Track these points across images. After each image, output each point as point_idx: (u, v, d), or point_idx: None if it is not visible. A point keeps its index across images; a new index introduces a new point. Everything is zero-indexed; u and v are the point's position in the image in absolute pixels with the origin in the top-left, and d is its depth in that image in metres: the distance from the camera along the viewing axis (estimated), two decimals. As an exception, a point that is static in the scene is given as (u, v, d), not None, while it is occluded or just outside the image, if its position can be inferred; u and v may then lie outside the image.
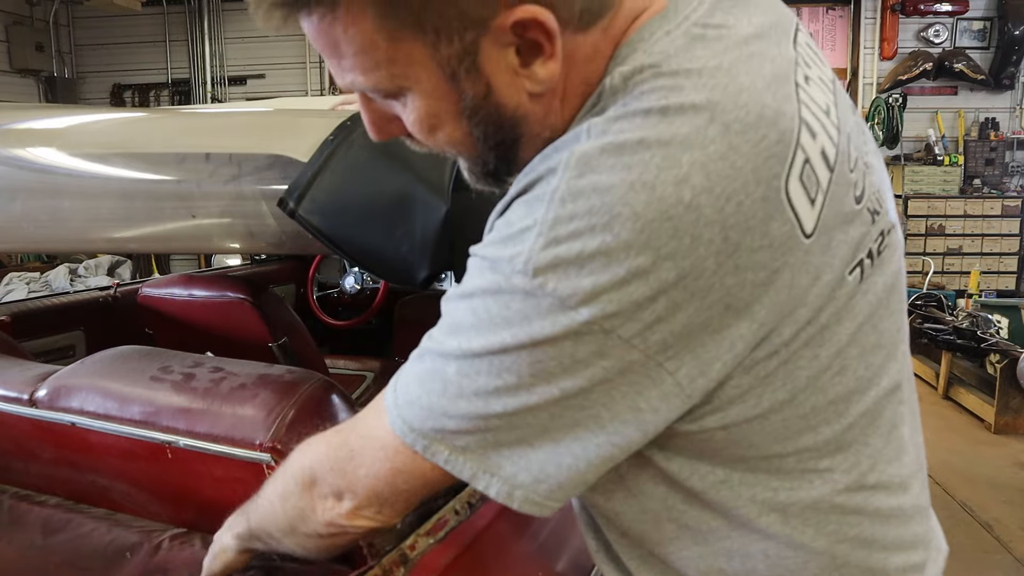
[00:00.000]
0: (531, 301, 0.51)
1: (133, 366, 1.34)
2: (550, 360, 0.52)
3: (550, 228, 0.50)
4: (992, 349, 4.24)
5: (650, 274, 0.49)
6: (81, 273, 5.86)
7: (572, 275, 0.50)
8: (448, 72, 0.54)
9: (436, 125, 0.58)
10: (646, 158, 0.49)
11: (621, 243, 0.49)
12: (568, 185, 0.50)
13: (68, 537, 1.36)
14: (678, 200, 0.49)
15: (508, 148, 0.59)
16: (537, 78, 0.54)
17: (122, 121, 1.35)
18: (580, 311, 0.50)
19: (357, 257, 1.05)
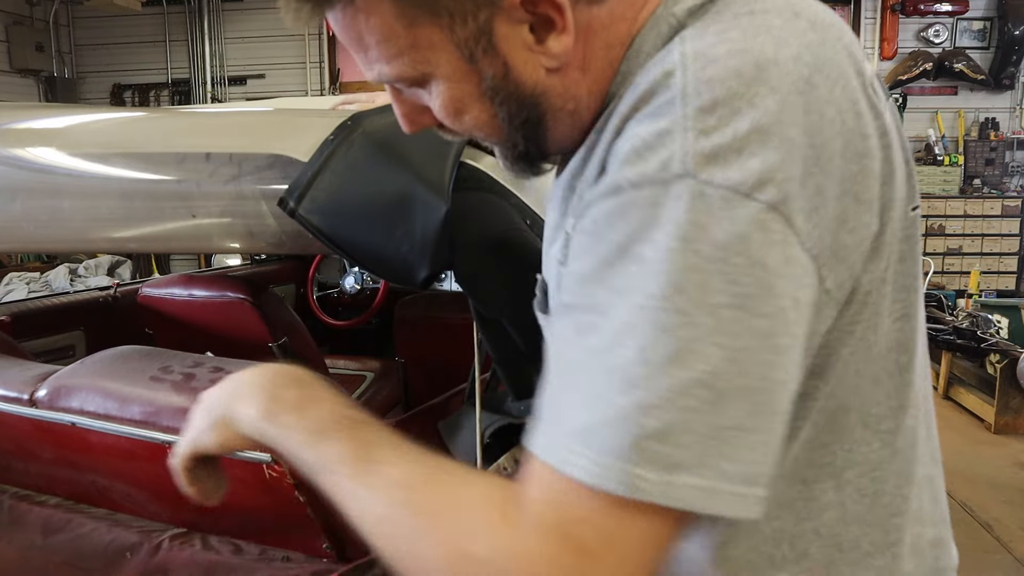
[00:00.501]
0: (700, 202, 0.46)
1: (133, 366, 1.34)
2: (743, 272, 0.45)
3: (695, 120, 0.48)
4: (992, 349, 4.24)
5: (801, 149, 0.48)
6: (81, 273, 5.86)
7: (735, 160, 0.46)
8: (466, 54, 0.55)
9: (461, 109, 0.59)
10: (760, 40, 0.50)
11: (771, 119, 0.48)
12: (696, 77, 0.49)
13: (68, 537, 1.36)
14: (800, 76, 0.49)
15: (535, 126, 0.60)
16: (552, 53, 0.55)
17: (122, 121, 1.35)
18: (757, 196, 0.46)
19: (357, 257, 1.05)
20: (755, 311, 0.45)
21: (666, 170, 0.47)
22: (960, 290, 6.41)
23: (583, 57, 0.57)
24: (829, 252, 0.50)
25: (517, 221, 1.15)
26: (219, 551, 1.27)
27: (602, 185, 0.51)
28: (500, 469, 1.15)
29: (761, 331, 0.46)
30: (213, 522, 1.32)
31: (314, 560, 1.23)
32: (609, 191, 0.50)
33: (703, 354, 0.45)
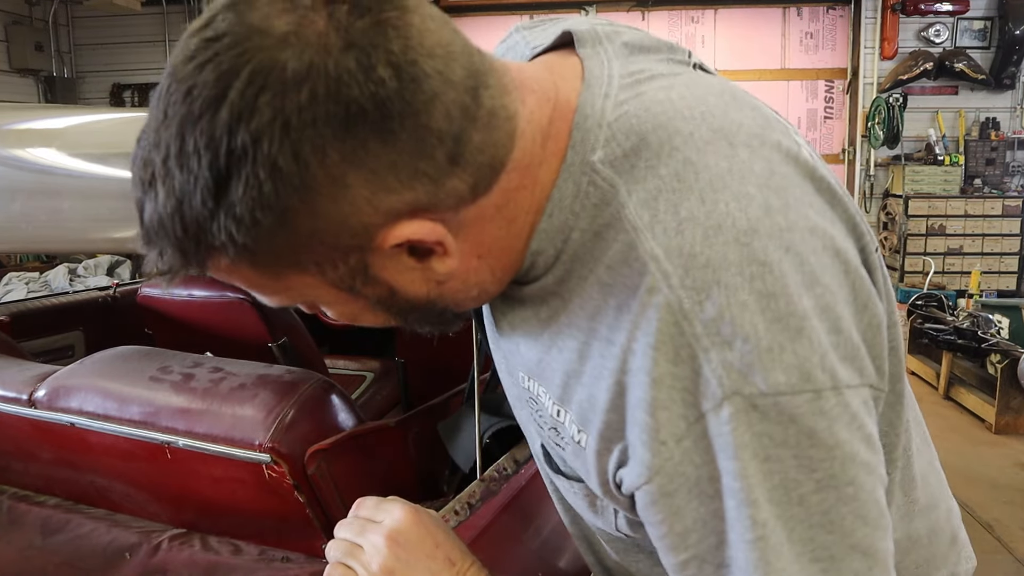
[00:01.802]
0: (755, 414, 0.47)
1: (132, 366, 1.34)
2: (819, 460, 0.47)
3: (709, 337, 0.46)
4: (993, 349, 4.23)
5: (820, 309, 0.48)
6: (80, 273, 5.86)
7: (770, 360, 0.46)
8: (346, 287, 0.53)
9: (356, 318, 0.58)
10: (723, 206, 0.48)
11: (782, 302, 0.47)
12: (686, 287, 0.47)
13: (67, 537, 1.35)
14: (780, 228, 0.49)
15: (438, 316, 0.59)
16: (438, 271, 0.53)
17: (122, 121, 1.35)
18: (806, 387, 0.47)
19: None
20: (841, 483, 0.48)
21: (710, 398, 0.47)
22: (961, 290, 6.41)
23: (479, 244, 0.53)
24: (873, 367, 0.51)
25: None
26: (218, 551, 1.27)
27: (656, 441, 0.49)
28: (500, 469, 1.15)
29: (850, 496, 0.48)
30: (212, 522, 1.32)
31: (314, 560, 1.23)
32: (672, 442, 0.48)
33: (805, 538, 0.48)
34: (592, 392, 0.52)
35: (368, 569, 0.66)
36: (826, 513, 0.48)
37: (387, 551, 0.66)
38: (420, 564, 0.66)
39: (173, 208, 0.46)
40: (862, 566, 0.49)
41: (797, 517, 0.47)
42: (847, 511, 0.48)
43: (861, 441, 0.49)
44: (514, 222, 0.54)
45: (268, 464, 1.13)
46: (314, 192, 0.45)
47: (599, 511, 0.62)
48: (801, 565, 0.48)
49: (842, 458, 0.47)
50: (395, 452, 1.29)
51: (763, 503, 0.47)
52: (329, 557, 0.69)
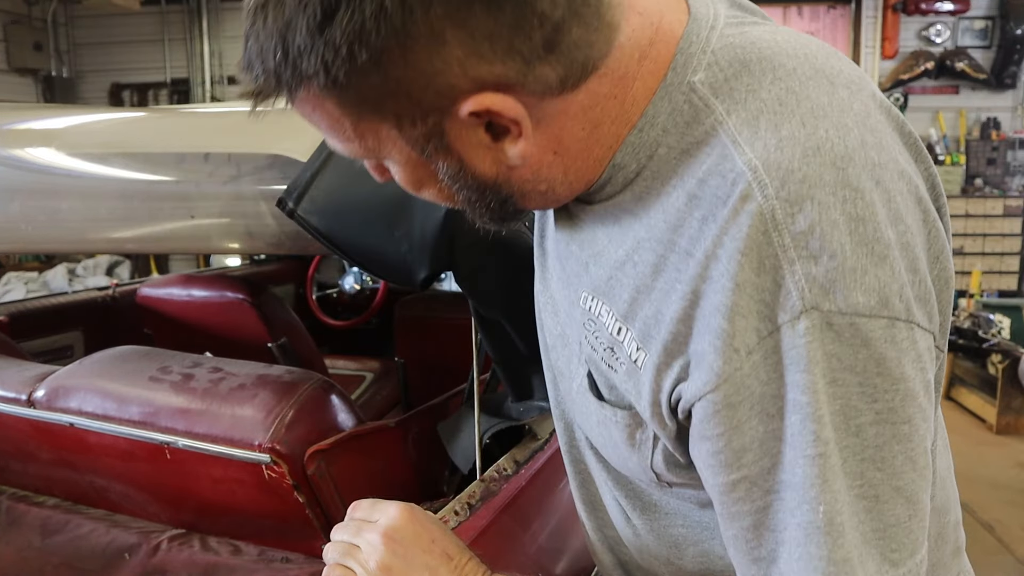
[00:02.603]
0: (830, 333, 0.47)
1: (132, 366, 1.33)
2: (883, 390, 0.48)
3: (797, 248, 0.47)
4: (994, 349, 4.23)
5: (902, 244, 0.49)
6: (79, 273, 5.86)
7: (853, 281, 0.47)
8: (418, 148, 0.54)
9: (419, 187, 0.59)
10: (823, 132, 0.50)
11: (869, 226, 0.48)
12: (781, 198, 0.48)
13: (67, 538, 1.35)
14: (872, 165, 0.50)
15: (501, 204, 0.59)
16: (509, 155, 0.54)
17: (121, 121, 1.34)
18: (883, 313, 0.48)
19: (356, 258, 1.05)
20: (898, 420, 0.49)
21: (788, 310, 0.47)
22: (962, 290, 6.41)
23: (557, 140, 0.55)
24: (939, 313, 0.52)
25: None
26: (218, 552, 1.27)
27: (729, 349, 0.49)
28: (500, 470, 1.14)
29: (905, 435, 0.49)
30: (212, 523, 1.32)
31: (313, 560, 1.22)
32: (743, 352, 0.48)
33: (854, 471, 0.48)
34: (660, 307, 0.53)
35: (366, 567, 0.66)
36: (879, 448, 0.48)
37: (384, 548, 0.66)
38: (417, 560, 0.67)
39: (279, 32, 0.48)
40: (904, 512, 0.49)
41: (851, 448, 0.48)
42: (899, 450, 0.48)
43: (922, 384, 0.49)
44: (598, 128, 0.55)
45: (268, 464, 1.13)
46: (413, 40, 0.47)
47: (637, 445, 0.61)
48: (850, 499, 0.48)
49: (904, 393, 0.48)
50: (395, 452, 1.29)
51: (828, 423, 0.48)
52: (327, 559, 0.69)
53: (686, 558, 0.69)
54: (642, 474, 0.64)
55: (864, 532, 0.49)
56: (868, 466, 0.48)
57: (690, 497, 0.65)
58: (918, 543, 0.50)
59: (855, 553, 0.48)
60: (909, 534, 0.50)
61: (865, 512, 0.49)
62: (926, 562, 0.51)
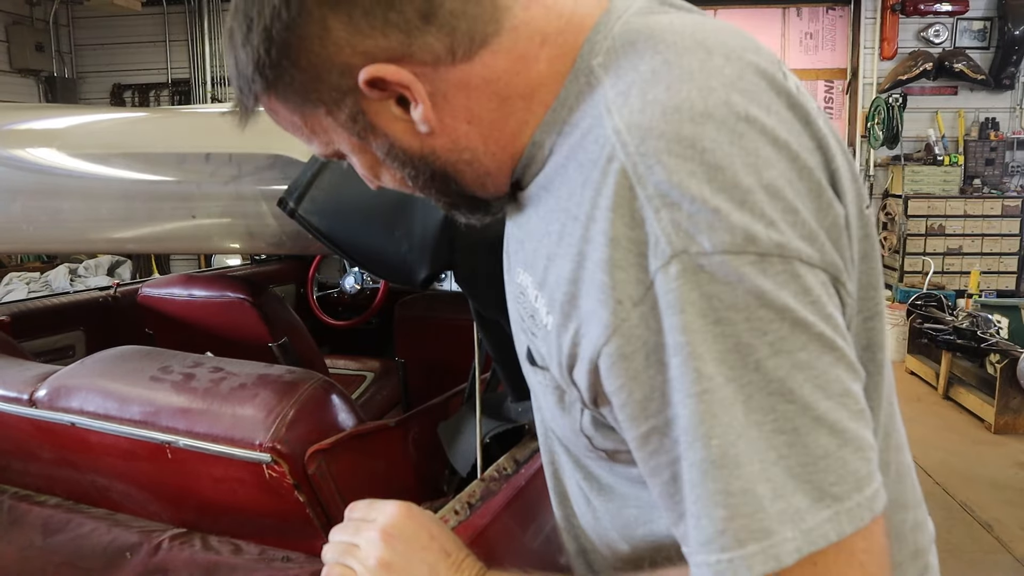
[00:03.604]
0: (702, 275, 0.48)
1: (133, 366, 1.34)
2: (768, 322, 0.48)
3: (659, 199, 0.49)
4: (992, 349, 4.24)
5: (770, 187, 0.50)
6: (81, 273, 5.86)
7: (717, 222, 0.48)
8: (353, 132, 0.61)
9: (375, 173, 0.66)
10: (686, 93, 0.51)
11: (728, 171, 0.49)
12: (641, 154, 0.50)
13: (68, 537, 1.36)
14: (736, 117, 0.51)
15: (442, 180, 0.64)
16: (418, 120, 0.59)
17: (122, 121, 1.35)
18: (750, 249, 0.48)
19: (357, 257, 1.05)
20: (794, 348, 0.48)
21: (658, 256, 0.49)
22: (960, 290, 6.41)
23: (466, 111, 0.60)
24: (838, 261, 0.52)
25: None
26: (219, 551, 1.27)
27: (610, 302, 0.51)
28: (500, 470, 1.15)
29: (804, 363, 0.49)
30: (213, 522, 1.32)
31: (314, 560, 1.23)
32: (628, 304, 0.50)
33: (765, 406, 0.48)
34: (560, 270, 0.56)
35: (366, 565, 0.68)
36: (783, 380, 0.48)
37: (383, 545, 0.68)
38: (416, 556, 0.68)
39: (232, 53, 0.60)
40: (830, 443, 0.48)
41: (755, 383, 0.48)
42: (803, 379, 0.48)
43: (817, 315, 0.49)
44: (507, 101, 0.60)
45: (268, 464, 1.13)
46: (303, 29, 0.56)
47: (567, 408, 0.64)
48: (763, 434, 0.48)
49: (792, 322, 0.48)
50: (395, 452, 1.29)
51: (709, 360, 0.48)
52: (326, 559, 0.71)
53: (636, 538, 0.70)
54: (576, 439, 0.65)
55: (790, 467, 0.48)
56: (777, 400, 0.48)
57: (636, 477, 0.65)
58: (862, 477, 0.49)
59: (761, 486, 0.48)
60: (845, 465, 0.48)
61: (787, 447, 0.48)
62: (883, 498, 0.50)
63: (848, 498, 0.48)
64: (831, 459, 0.48)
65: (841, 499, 0.48)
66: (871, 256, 0.60)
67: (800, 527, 0.47)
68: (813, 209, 0.52)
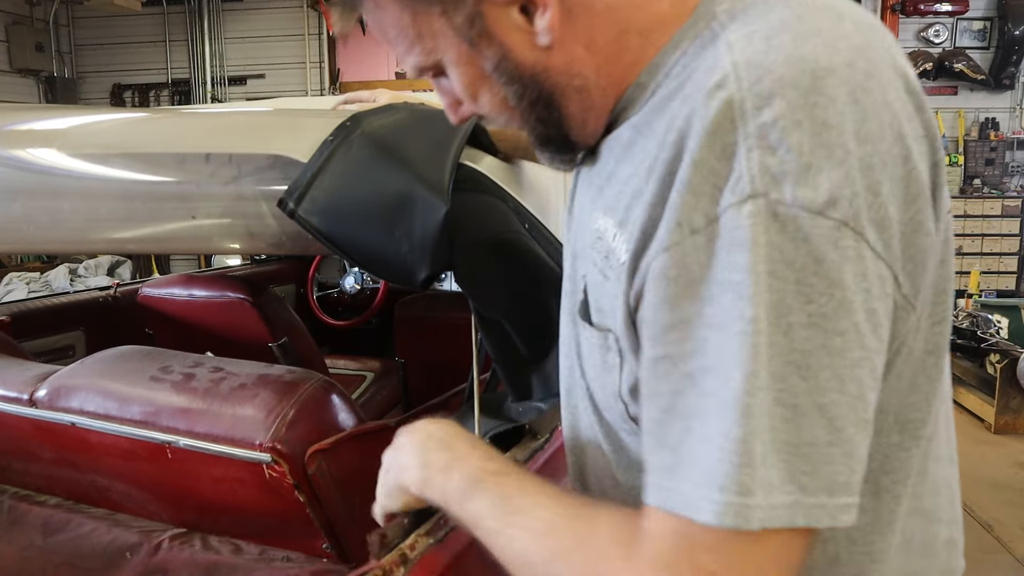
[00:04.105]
0: (774, 222, 0.47)
1: (133, 366, 1.34)
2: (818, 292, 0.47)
3: (758, 138, 0.48)
4: (992, 349, 4.24)
5: (864, 161, 0.48)
6: (81, 273, 5.86)
7: (804, 177, 0.47)
8: (466, 38, 0.59)
9: (475, 91, 0.63)
10: (812, 47, 0.50)
11: (834, 132, 0.48)
12: (753, 92, 0.49)
13: (68, 537, 1.36)
14: (856, 84, 0.49)
15: (546, 105, 0.62)
16: (541, 30, 0.58)
17: (122, 121, 1.35)
18: (830, 214, 0.47)
19: (357, 257, 1.05)
20: (830, 329, 0.47)
21: (737, 192, 0.48)
22: (960, 290, 6.41)
23: (587, 35, 0.59)
24: (904, 258, 0.51)
25: (516, 223, 1.15)
26: (219, 551, 1.28)
27: (675, 222, 0.50)
28: (500, 469, 1.15)
29: (836, 349, 0.47)
30: (213, 522, 1.32)
31: (314, 560, 1.23)
32: (687, 230, 0.50)
33: (778, 373, 0.47)
34: (646, 198, 0.54)
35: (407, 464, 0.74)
36: (806, 354, 0.47)
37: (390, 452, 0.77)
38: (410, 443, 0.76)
39: None
40: (823, 435, 0.47)
41: (778, 346, 0.47)
42: (827, 363, 0.47)
43: (863, 307, 0.48)
44: (625, 34, 0.59)
45: (268, 464, 1.13)
46: None
47: (608, 368, 0.62)
48: (767, 395, 0.46)
49: (840, 301, 0.47)
50: (395, 452, 1.29)
51: (760, 305, 0.46)
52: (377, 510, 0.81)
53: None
54: (614, 403, 0.64)
55: (776, 441, 0.47)
56: (791, 370, 0.47)
57: None
58: (839, 482, 0.47)
59: (759, 445, 0.46)
60: (828, 463, 0.47)
61: (782, 420, 0.47)
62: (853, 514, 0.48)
63: (814, 494, 0.47)
64: (816, 451, 0.47)
65: (806, 491, 0.47)
66: (947, 261, 0.58)
67: (769, 499, 0.46)
68: (899, 198, 0.50)
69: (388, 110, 1.17)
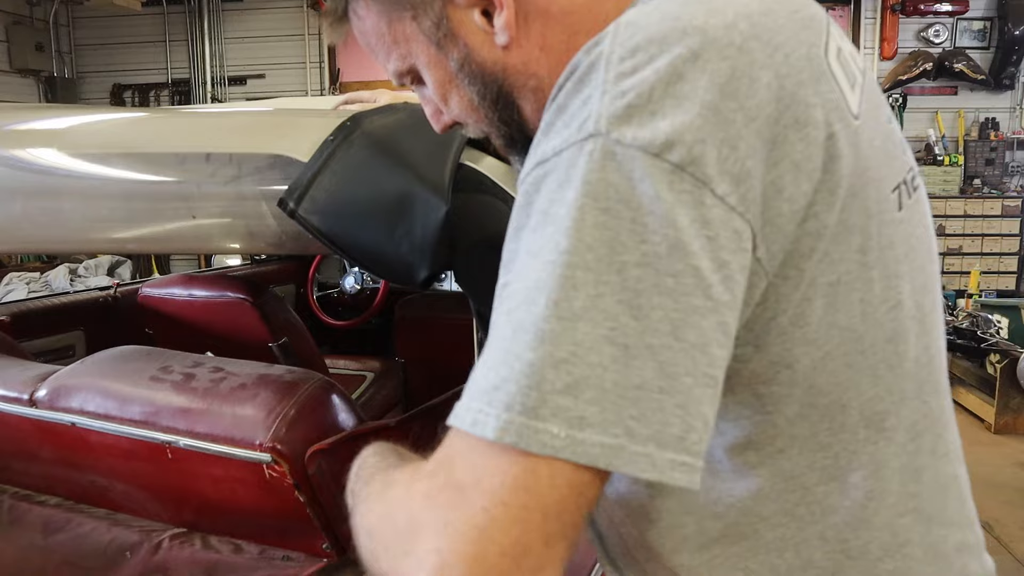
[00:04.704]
0: (611, 161, 0.46)
1: (133, 366, 1.34)
2: (651, 230, 0.45)
3: (613, 83, 0.48)
4: (992, 349, 4.24)
5: (721, 114, 0.47)
6: (81, 273, 5.86)
7: (648, 120, 0.47)
8: (434, 41, 0.64)
9: (445, 94, 0.68)
10: (692, 9, 0.50)
11: (688, 84, 0.47)
12: (621, 44, 0.50)
13: (68, 537, 1.36)
14: (729, 42, 0.49)
15: (506, 104, 0.66)
16: (497, 27, 0.62)
17: (122, 121, 1.35)
18: (666, 156, 0.46)
19: (357, 257, 1.05)
20: (663, 270, 0.45)
21: (581, 131, 0.48)
22: (960, 290, 6.42)
23: (541, 37, 0.62)
24: (762, 219, 0.49)
25: (516, 222, 1.15)
26: (219, 550, 1.28)
27: (531, 158, 0.51)
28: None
29: (669, 289, 0.45)
30: (213, 522, 1.32)
31: (314, 560, 1.23)
32: (537, 162, 0.50)
33: (610, 311, 0.44)
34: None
35: None
36: (638, 293, 0.45)
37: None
38: None
39: None
40: (653, 379, 0.44)
41: (610, 284, 0.45)
42: (659, 303, 0.44)
43: (707, 253, 0.46)
44: (575, 36, 0.62)
45: (268, 464, 1.13)
46: None
47: None
48: (593, 335, 0.44)
49: (673, 242, 0.45)
50: (395, 452, 1.29)
51: (584, 240, 0.45)
52: None
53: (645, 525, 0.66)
54: None
55: (604, 380, 0.44)
56: (623, 309, 0.44)
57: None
58: (671, 434, 0.44)
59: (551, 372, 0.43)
60: (659, 411, 0.44)
61: (611, 359, 0.44)
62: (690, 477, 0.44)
63: (641, 442, 0.43)
64: (645, 394, 0.44)
65: (633, 436, 0.43)
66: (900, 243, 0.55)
67: (574, 432, 0.43)
68: (762, 155, 0.48)
69: (388, 110, 1.17)
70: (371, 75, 7.22)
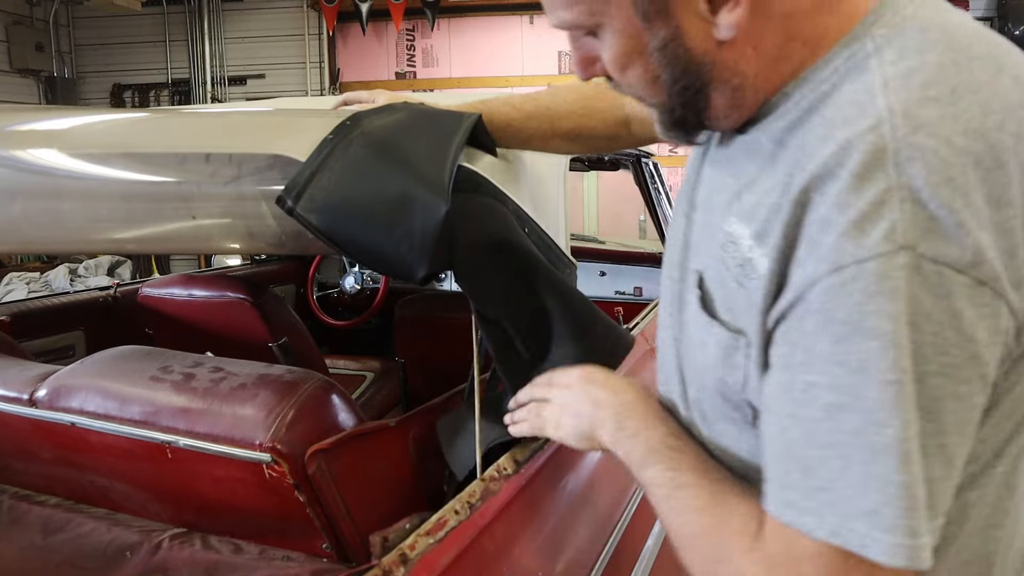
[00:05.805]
0: (918, 276, 0.49)
1: (133, 366, 1.34)
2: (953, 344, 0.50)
3: (911, 190, 0.50)
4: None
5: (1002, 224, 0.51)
6: (81, 273, 5.86)
7: (953, 234, 0.49)
8: (640, 11, 0.59)
9: (627, 63, 0.63)
10: (967, 105, 0.52)
11: (983, 195, 0.50)
12: (907, 143, 0.51)
13: (68, 537, 1.36)
14: (1004, 147, 0.51)
15: (695, 93, 0.63)
16: (723, 24, 0.58)
17: (122, 122, 1.35)
18: (971, 272, 0.50)
19: (356, 255, 1.05)
20: (959, 378, 0.50)
21: (889, 242, 0.50)
22: None
23: (758, 36, 0.59)
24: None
25: (515, 225, 1.15)
26: (219, 551, 1.28)
27: (823, 260, 0.52)
28: (500, 470, 1.15)
29: (961, 395, 0.51)
30: (213, 522, 1.32)
31: (314, 560, 1.23)
32: (833, 267, 0.51)
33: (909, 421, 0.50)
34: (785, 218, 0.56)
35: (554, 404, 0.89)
36: (936, 400, 0.50)
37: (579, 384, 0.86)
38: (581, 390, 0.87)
39: None
40: (941, 473, 0.51)
41: (913, 393, 0.50)
42: (952, 408, 0.50)
43: (992, 358, 0.51)
44: (791, 41, 0.60)
45: (268, 464, 1.13)
46: None
47: (732, 366, 0.64)
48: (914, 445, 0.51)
49: (972, 354, 0.50)
50: (395, 452, 1.29)
51: (907, 355, 0.49)
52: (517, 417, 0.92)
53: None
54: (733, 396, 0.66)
55: (912, 481, 0.51)
56: (921, 415, 0.50)
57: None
58: (939, 510, 0.52)
59: (920, 490, 0.50)
60: (940, 495, 0.51)
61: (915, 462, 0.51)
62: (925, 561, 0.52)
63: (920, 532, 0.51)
64: (936, 486, 0.51)
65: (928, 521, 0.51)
66: None
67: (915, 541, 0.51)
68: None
69: (388, 110, 1.17)
70: (371, 75, 7.22)
